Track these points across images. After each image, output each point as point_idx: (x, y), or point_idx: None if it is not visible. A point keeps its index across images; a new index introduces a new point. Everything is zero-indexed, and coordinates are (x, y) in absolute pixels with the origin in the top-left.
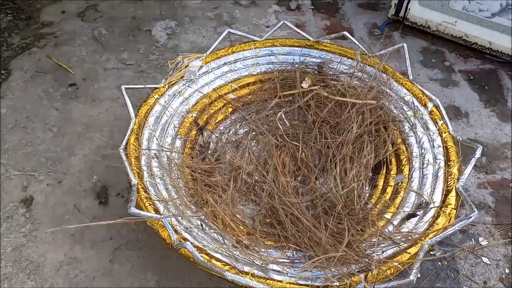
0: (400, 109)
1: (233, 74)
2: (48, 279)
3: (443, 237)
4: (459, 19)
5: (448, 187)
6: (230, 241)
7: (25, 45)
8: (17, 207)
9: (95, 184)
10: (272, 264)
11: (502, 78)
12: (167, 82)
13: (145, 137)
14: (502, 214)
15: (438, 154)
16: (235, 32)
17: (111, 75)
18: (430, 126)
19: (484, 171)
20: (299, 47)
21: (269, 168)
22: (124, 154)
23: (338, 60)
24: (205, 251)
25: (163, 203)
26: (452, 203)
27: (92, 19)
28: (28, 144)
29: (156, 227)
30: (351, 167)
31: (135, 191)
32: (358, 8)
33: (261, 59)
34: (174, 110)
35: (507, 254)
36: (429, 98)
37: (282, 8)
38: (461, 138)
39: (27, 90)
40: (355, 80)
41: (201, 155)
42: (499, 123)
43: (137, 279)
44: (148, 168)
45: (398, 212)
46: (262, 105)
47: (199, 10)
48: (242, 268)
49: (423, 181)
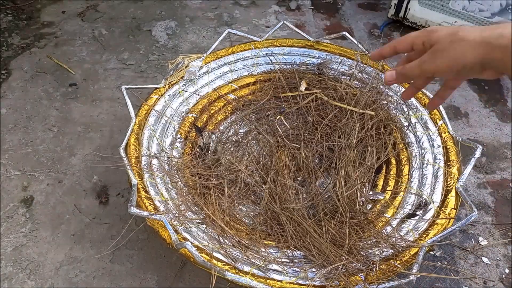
0: (400, 109)
1: (233, 74)
2: (48, 279)
3: (443, 237)
4: (459, 19)
5: (447, 187)
6: (230, 241)
7: (25, 45)
8: (17, 207)
9: (95, 184)
10: (272, 263)
11: (502, 78)
12: (167, 82)
13: (146, 137)
14: (502, 214)
15: (438, 154)
16: (235, 33)
17: (111, 75)
18: (430, 126)
19: (484, 171)
20: (299, 47)
21: (269, 170)
22: (125, 154)
23: (338, 60)
24: (205, 251)
25: (163, 203)
26: (452, 203)
27: (92, 19)
28: (28, 144)
29: (157, 227)
30: (353, 169)
31: (135, 191)
32: (358, 8)
33: (261, 59)
34: (174, 110)
35: (507, 254)
36: (429, 98)
37: (282, 8)
38: (461, 138)
39: (27, 90)
40: (355, 81)
41: (200, 157)
42: (499, 123)
43: (137, 279)
44: (148, 168)
45: (397, 212)
46: (262, 106)
47: (199, 10)
48: (242, 268)
49: (423, 181)
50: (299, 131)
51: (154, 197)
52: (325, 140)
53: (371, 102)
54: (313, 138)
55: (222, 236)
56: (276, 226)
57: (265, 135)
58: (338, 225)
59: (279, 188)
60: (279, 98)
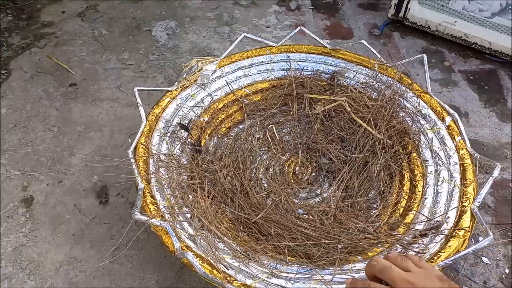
0: (417, 122)
1: (247, 79)
2: (48, 279)
3: (455, 260)
4: (459, 19)
5: (463, 208)
6: (234, 253)
7: (25, 45)
8: (17, 207)
9: (95, 184)
10: (275, 277)
11: (502, 78)
12: (180, 86)
13: (155, 141)
14: (502, 214)
15: (454, 171)
16: (251, 37)
17: (111, 75)
18: (447, 141)
19: (484, 171)
20: (315, 54)
21: (275, 176)
22: (133, 157)
23: (355, 69)
24: (208, 261)
25: (169, 209)
26: (466, 224)
27: (92, 19)
28: (28, 144)
29: (160, 234)
30: (363, 182)
31: (141, 195)
32: (358, 8)
33: (276, 65)
34: (185, 114)
35: (507, 254)
36: (448, 112)
37: (282, 8)
38: (479, 156)
39: (27, 90)
40: (370, 90)
41: (195, 156)
42: (499, 123)
43: (137, 279)
44: (156, 173)
45: (408, 231)
46: (272, 113)
47: (199, 10)
48: (244, 281)
49: (437, 199)
50: (305, 139)
51: (160, 202)
52: (334, 148)
53: (390, 115)
54: (321, 147)
55: (226, 245)
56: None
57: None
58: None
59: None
60: (287, 105)
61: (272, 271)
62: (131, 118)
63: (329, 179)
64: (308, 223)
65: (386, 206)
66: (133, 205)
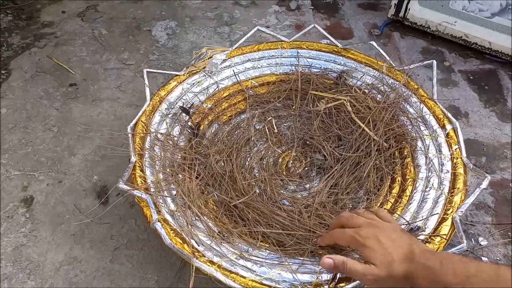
0: (417, 127)
1: (255, 71)
2: (48, 279)
3: None
4: (459, 19)
5: (444, 215)
6: (209, 232)
7: (25, 45)
8: (17, 207)
9: (95, 184)
10: (243, 259)
11: (502, 78)
12: (188, 71)
13: (155, 120)
14: (502, 214)
15: (445, 179)
16: (264, 31)
17: (111, 75)
18: (444, 149)
19: (483, 171)
20: (326, 52)
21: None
22: (130, 132)
23: (363, 69)
24: (180, 235)
25: (155, 184)
26: (445, 231)
27: (92, 19)
28: (28, 144)
29: (142, 205)
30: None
31: (130, 168)
32: (358, 8)
33: (285, 60)
34: (190, 99)
35: (507, 254)
36: (449, 120)
37: (282, 8)
38: (472, 166)
39: (27, 90)
40: (375, 92)
41: (192, 139)
42: (499, 123)
43: (137, 279)
44: (150, 149)
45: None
46: (275, 106)
47: (199, 10)
48: (212, 258)
49: (421, 205)
50: (303, 134)
51: (148, 177)
52: (328, 144)
53: (390, 118)
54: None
55: (199, 221)
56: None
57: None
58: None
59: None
60: (291, 100)
61: (242, 253)
62: (131, 118)
63: (320, 175)
64: (287, 213)
65: (370, 206)
66: (133, 205)
